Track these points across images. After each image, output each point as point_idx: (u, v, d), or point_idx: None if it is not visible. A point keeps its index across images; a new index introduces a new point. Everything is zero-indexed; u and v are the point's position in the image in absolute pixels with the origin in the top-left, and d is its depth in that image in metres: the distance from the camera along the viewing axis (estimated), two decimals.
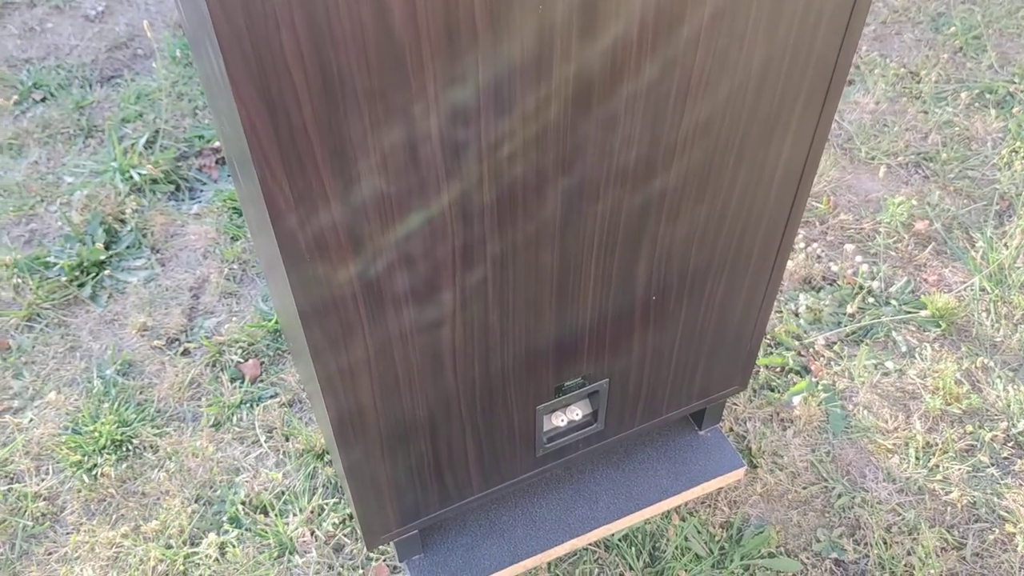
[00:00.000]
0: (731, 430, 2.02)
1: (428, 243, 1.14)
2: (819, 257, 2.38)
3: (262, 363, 2.11)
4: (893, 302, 2.27)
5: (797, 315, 2.26)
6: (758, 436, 2.01)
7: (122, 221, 2.46)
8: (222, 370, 2.10)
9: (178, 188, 2.57)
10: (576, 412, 1.67)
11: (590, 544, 1.84)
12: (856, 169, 2.62)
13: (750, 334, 1.74)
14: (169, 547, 1.78)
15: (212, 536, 1.77)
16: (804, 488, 1.93)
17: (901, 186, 2.58)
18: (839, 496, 1.92)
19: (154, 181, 2.56)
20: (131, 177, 2.55)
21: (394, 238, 1.11)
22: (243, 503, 1.86)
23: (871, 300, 2.27)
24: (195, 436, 1.97)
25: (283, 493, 1.88)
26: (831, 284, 2.33)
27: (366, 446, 1.42)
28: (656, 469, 1.89)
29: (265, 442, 1.96)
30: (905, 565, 1.81)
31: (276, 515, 1.83)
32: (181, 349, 2.16)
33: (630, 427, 1.77)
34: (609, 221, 1.26)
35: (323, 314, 1.15)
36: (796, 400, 2.06)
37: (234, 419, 2.01)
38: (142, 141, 2.65)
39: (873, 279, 2.32)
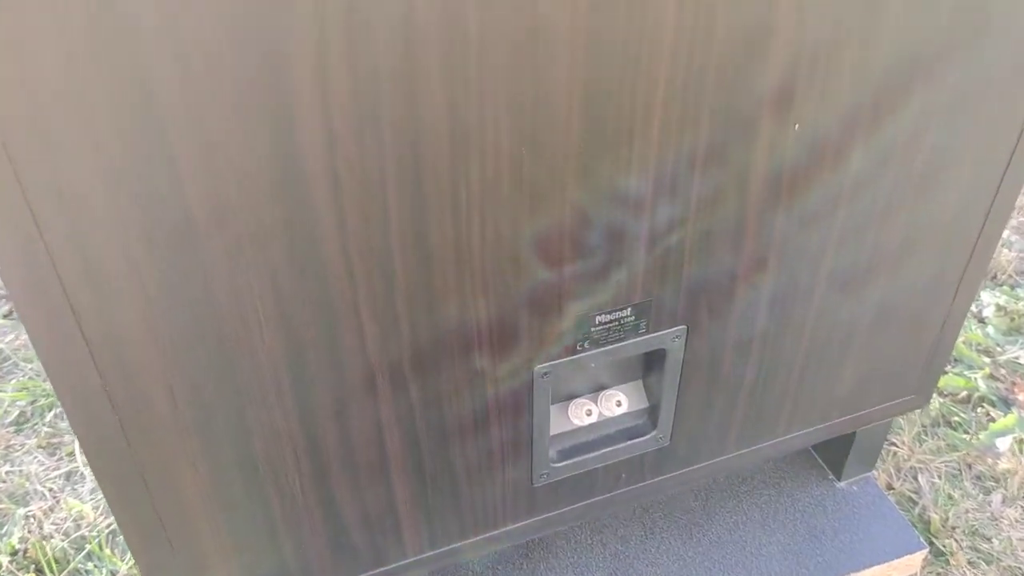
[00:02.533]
0: (890, 487, 1.15)
1: None
2: (1010, 242, 1.53)
3: None
4: None
5: (982, 320, 1.40)
6: (941, 500, 1.13)
7: None
8: None
9: None
10: (616, 401, 0.84)
11: None
12: None
13: (945, 312, 0.91)
14: None
15: None
16: None
17: None
18: None
19: None
20: None
21: None
22: (13, 554, 1.03)
23: None
24: None
25: (85, 541, 1.05)
26: None
27: (146, 449, 0.62)
28: (760, 543, 1.03)
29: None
30: None
31: None
32: None
33: (718, 453, 0.93)
34: None
35: None
36: (1001, 445, 1.19)
37: (50, 415, 1.21)
38: None
39: None
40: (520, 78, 0.57)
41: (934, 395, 1.27)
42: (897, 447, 1.19)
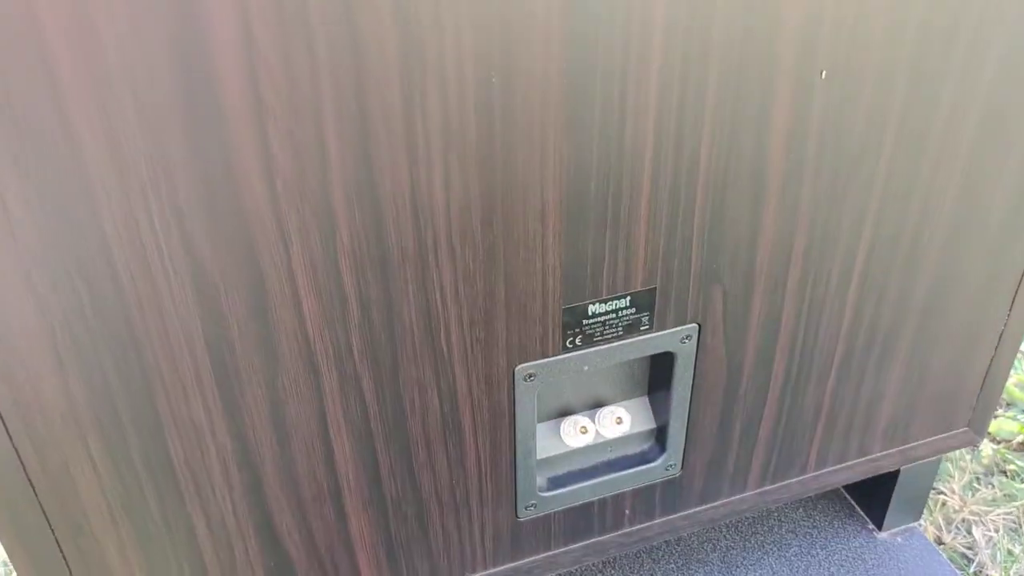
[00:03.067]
0: (940, 541, 1.00)
1: None
2: None
3: None
4: None
5: None
6: (1001, 557, 0.98)
7: None
8: None
9: None
10: (616, 418, 0.72)
11: None
12: None
13: (999, 328, 0.79)
14: None
15: None
16: None
17: None
18: None
19: None
20: None
21: None
22: None
23: None
24: None
25: None
26: None
27: (33, 446, 0.51)
28: None
29: None
30: None
31: None
32: None
33: (739, 488, 0.80)
34: None
35: None
36: None
37: None
38: None
39: None
40: None
41: (986, 441, 1.13)
42: (946, 496, 1.04)
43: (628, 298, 0.62)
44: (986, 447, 1.12)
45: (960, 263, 0.73)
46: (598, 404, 0.73)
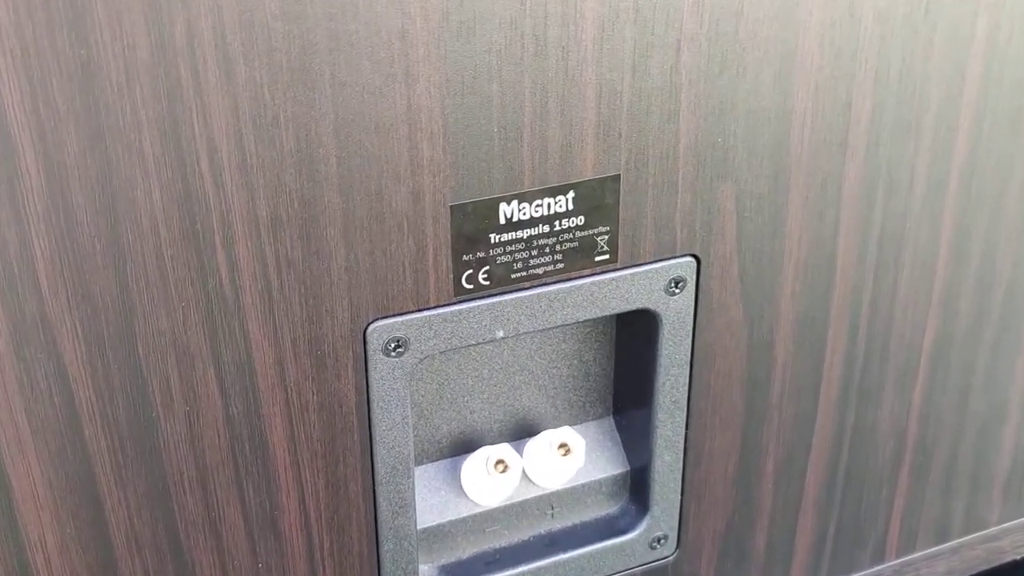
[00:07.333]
0: None
1: None
2: None
3: None
4: None
5: None
6: None
7: None
8: None
9: None
10: (561, 447, 0.45)
11: None
12: None
13: None
14: None
15: None
16: None
17: None
18: None
19: None
20: None
21: None
22: None
23: None
24: None
25: None
26: None
27: None
28: None
29: None
30: None
31: None
32: None
33: None
34: None
35: None
36: None
37: None
38: None
39: None
40: None
41: None
42: None
43: (571, 195, 0.38)
44: None
45: None
46: (529, 433, 0.46)
